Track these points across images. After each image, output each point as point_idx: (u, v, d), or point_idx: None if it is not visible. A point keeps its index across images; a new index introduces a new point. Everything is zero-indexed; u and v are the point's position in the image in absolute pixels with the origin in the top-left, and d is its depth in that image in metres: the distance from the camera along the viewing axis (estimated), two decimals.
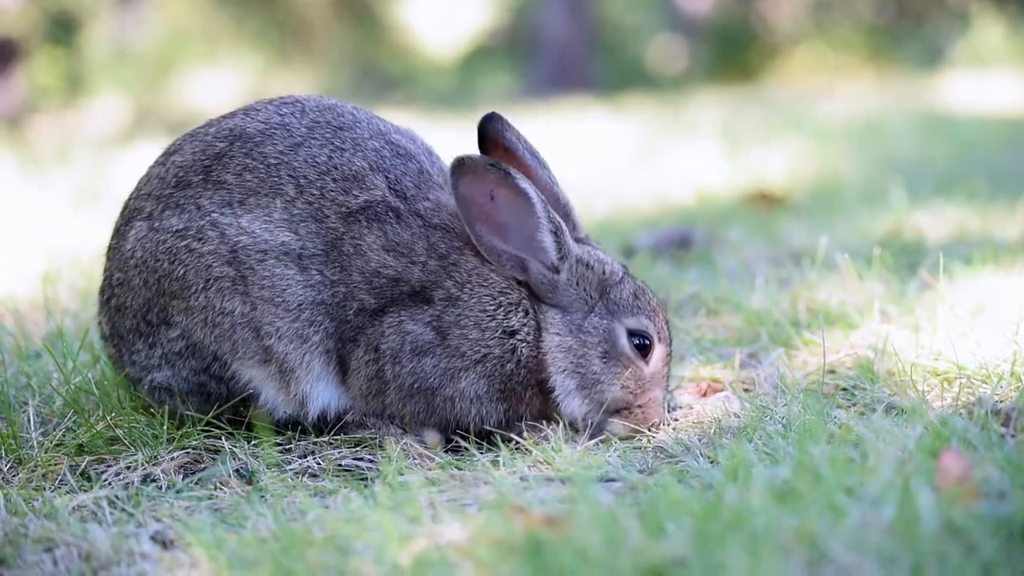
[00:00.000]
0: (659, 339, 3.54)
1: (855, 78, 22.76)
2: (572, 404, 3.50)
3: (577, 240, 3.58)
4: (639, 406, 3.52)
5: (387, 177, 3.50)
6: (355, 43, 29.51)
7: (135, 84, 23.90)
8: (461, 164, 3.39)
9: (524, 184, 3.41)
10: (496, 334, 3.44)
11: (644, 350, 3.52)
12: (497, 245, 3.46)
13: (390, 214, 3.46)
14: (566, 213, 3.63)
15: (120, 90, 23.16)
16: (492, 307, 3.45)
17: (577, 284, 3.51)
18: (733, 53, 26.54)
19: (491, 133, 3.63)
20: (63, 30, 21.26)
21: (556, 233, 3.47)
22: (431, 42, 29.27)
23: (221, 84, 24.96)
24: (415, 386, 3.44)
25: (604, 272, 3.54)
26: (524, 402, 3.50)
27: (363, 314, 3.43)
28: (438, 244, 3.47)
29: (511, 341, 3.45)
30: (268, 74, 26.79)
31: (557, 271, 3.49)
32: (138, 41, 25.17)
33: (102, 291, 3.66)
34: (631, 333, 3.50)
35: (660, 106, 15.76)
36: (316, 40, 28.82)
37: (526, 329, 3.48)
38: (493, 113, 3.64)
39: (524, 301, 3.49)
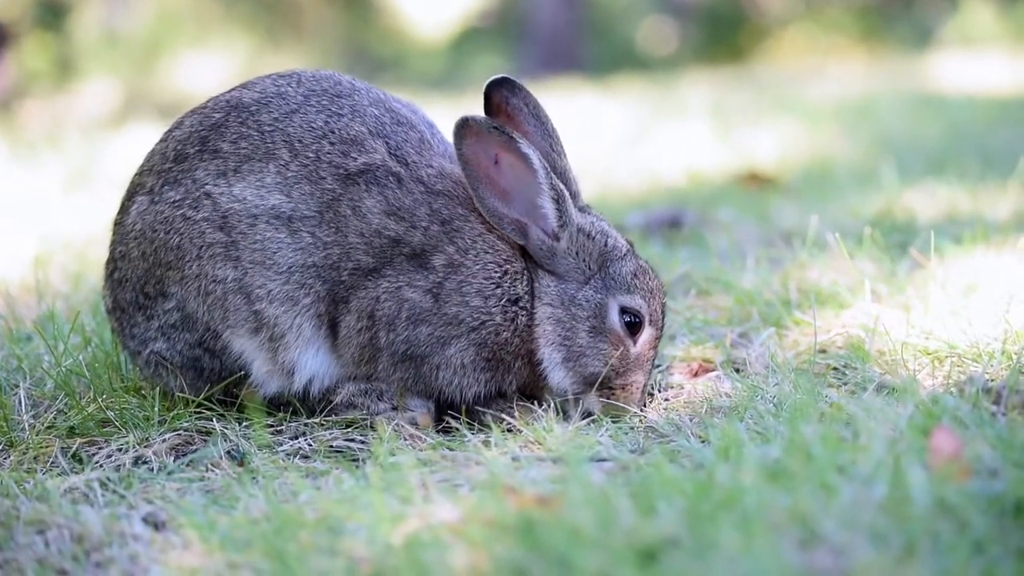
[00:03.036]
0: (650, 321, 3.51)
1: (846, 59, 22.73)
2: (557, 376, 3.49)
3: (580, 209, 3.56)
4: (620, 386, 3.51)
5: (387, 143, 3.49)
6: (345, 25, 29.42)
7: (125, 68, 23.84)
8: (464, 125, 3.37)
9: (527, 149, 3.39)
10: (501, 302, 3.42)
11: (633, 328, 3.50)
12: (499, 208, 3.44)
13: (391, 178, 3.44)
14: (565, 181, 3.58)
15: (110, 74, 23.11)
16: (498, 274, 3.44)
17: (576, 254, 3.49)
18: (724, 34, 26.50)
19: (495, 98, 3.61)
20: (53, 14, 21.18)
21: (557, 200, 3.44)
22: (421, 24, 29.19)
23: (211, 67, 24.87)
24: (407, 352, 3.43)
25: (606, 244, 3.52)
26: (512, 372, 3.49)
27: (358, 273, 3.43)
28: (441, 210, 3.45)
29: (513, 309, 3.44)
30: (258, 57, 26.68)
31: (557, 238, 3.47)
32: (128, 25, 25.08)
33: (106, 265, 3.66)
34: (623, 310, 3.49)
35: (651, 87, 15.74)
36: (306, 23, 28.71)
37: (527, 297, 3.46)
38: (503, 78, 3.61)
39: (526, 270, 3.48)
